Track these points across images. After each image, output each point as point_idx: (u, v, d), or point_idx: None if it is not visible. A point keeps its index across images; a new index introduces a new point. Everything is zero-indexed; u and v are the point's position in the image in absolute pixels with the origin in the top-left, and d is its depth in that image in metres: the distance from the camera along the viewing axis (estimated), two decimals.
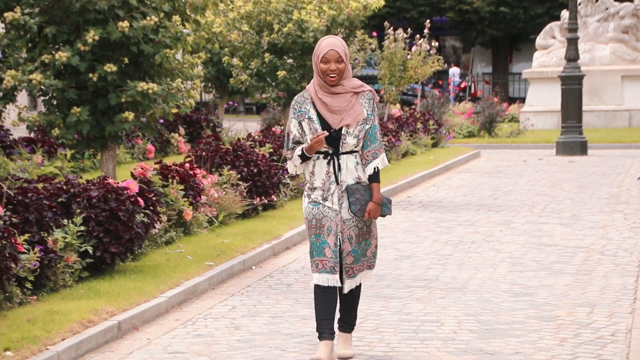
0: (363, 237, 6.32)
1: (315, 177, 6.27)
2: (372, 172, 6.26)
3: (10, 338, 6.50)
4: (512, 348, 6.81)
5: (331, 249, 6.20)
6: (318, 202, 6.23)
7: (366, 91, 6.29)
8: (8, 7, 10.07)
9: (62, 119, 10.32)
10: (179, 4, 10.41)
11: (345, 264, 6.29)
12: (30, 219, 7.93)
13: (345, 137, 6.20)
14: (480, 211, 13.58)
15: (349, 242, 6.27)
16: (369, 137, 6.26)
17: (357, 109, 6.22)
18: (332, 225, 6.21)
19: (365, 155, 6.26)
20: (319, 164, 6.26)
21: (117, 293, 7.89)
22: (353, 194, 6.19)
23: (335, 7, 15.81)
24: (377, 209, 6.25)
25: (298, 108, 6.26)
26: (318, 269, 6.21)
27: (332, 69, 6.16)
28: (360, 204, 6.19)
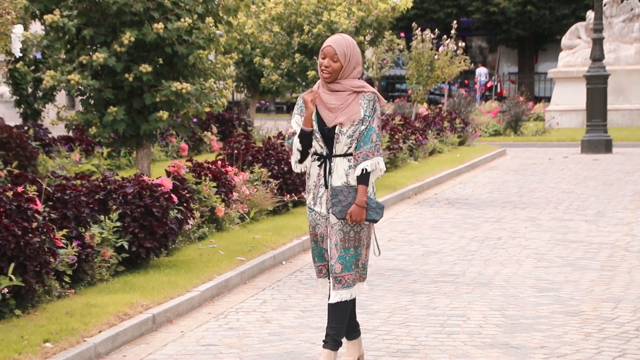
0: (351, 244, 5.90)
1: (309, 180, 6.01)
2: (360, 174, 5.85)
3: (49, 330, 6.56)
4: (537, 342, 6.78)
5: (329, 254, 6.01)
6: (311, 208, 5.99)
7: (367, 92, 5.92)
8: (48, 10, 10.15)
9: (99, 118, 10.38)
10: (212, 6, 10.45)
11: (334, 272, 5.91)
12: (69, 215, 7.99)
13: (339, 136, 5.86)
14: (506, 208, 13.52)
15: (335, 249, 5.90)
16: (363, 139, 5.86)
17: (353, 108, 5.87)
18: (323, 231, 5.97)
19: (356, 156, 5.87)
20: (313, 166, 5.98)
21: (152, 287, 7.93)
22: (336, 195, 5.85)
23: (364, 9, 15.80)
24: (360, 212, 5.83)
25: (301, 103, 5.99)
26: (322, 274, 6.07)
27: (325, 64, 5.85)
28: (342, 205, 5.82)
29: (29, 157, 12.01)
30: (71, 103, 23.74)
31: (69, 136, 14.86)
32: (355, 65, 5.91)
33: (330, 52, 5.85)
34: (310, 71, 15.56)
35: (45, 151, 13.90)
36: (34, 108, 16.97)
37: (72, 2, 10.13)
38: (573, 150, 22.79)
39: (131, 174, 9.52)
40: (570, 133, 26.34)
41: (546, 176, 17.64)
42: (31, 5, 10.19)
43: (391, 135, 17.72)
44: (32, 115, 17.00)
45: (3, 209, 7.06)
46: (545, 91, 40.77)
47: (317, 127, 5.89)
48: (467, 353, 6.53)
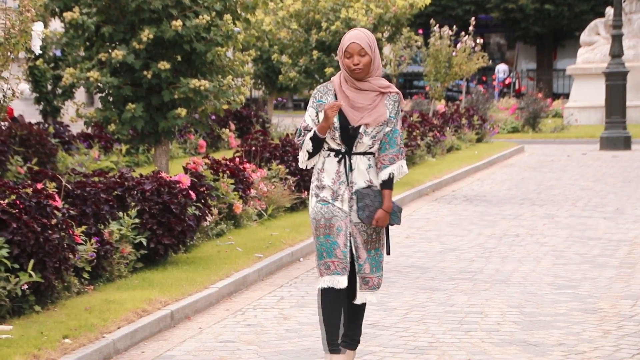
0: (372, 245, 5.77)
1: (324, 175, 5.74)
2: (387, 178, 5.69)
3: (68, 326, 6.58)
4: (555, 339, 6.76)
5: (341, 250, 5.70)
6: (327, 201, 5.70)
7: (393, 93, 5.73)
8: (67, 7, 10.19)
9: (118, 115, 10.41)
10: (230, 3, 10.46)
11: (364, 272, 5.75)
12: (88, 212, 8.01)
13: (362, 136, 5.66)
14: (524, 205, 13.48)
15: (363, 248, 5.75)
16: (388, 141, 5.69)
17: (380, 109, 5.68)
18: (342, 225, 5.69)
19: (382, 159, 5.70)
20: (329, 161, 5.73)
21: (170, 283, 7.95)
22: (362, 199, 5.65)
23: (382, 6, 15.78)
24: (386, 217, 5.68)
25: (319, 97, 5.75)
26: (330, 270, 5.69)
27: (355, 62, 5.62)
28: (369, 211, 5.64)
29: (49, 154, 12.07)
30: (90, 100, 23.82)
31: (88, 133, 14.91)
32: (378, 59, 5.72)
33: (356, 48, 5.63)
34: (328, 68, 15.56)
35: (64, 148, 13.95)
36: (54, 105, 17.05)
37: (91, 0, 10.17)
38: (592, 147, 22.69)
39: (149, 170, 9.54)
40: (588, 130, 26.24)
41: (564, 173, 17.57)
42: (51, 3, 10.23)
43: (409, 132, 17.70)
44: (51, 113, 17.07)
45: (23, 206, 7.09)
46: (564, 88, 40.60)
47: (338, 124, 5.66)
48: (484, 350, 6.52)
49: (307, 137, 5.70)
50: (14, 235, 6.88)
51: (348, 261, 5.69)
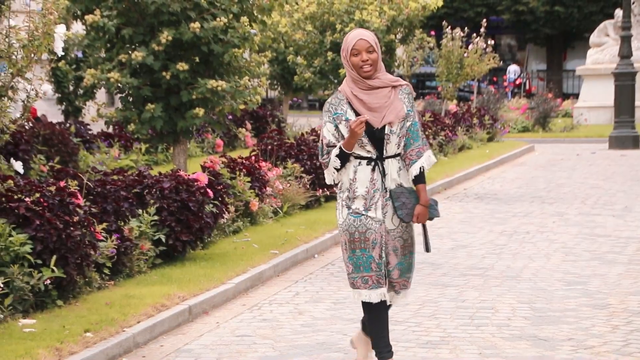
0: (408, 249, 5.59)
1: (357, 185, 5.48)
2: (418, 172, 5.47)
3: (90, 320, 6.60)
4: (565, 334, 6.75)
5: (376, 262, 5.51)
6: (360, 213, 5.46)
7: (404, 85, 5.52)
8: (88, 10, 10.22)
9: (138, 115, 10.43)
10: (246, 6, 10.47)
11: (392, 278, 5.58)
12: (108, 209, 8.04)
13: (390, 136, 5.44)
14: (534, 203, 13.45)
15: (394, 254, 5.54)
16: (412, 135, 5.47)
17: (397, 104, 5.45)
18: (377, 237, 5.47)
19: (409, 155, 5.48)
20: (361, 170, 5.47)
21: (188, 279, 7.97)
22: (398, 198, 5.44)
23: (395, 8, 15.77)
24: (426, 212, 5.50)
25: (334, 110, 5.49)
26: (368, 285, 5.51)
27: (364, 59, 5.40)
28: (407, 208, 5.44)
29: (71, 153, 12.11)
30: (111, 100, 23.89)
31: (109, 132, 14.95)
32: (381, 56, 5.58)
33: (364, 44, 5.42)
34: (342, 69, 15.56)
35: (85, 147, 13.99)
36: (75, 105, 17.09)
37: (112, 3, 10.20)
38: (601, 146, 22.61)
39: (168, 169, 9.56)
40: (598, 129, 26.15)
41: (574, 172, 17.52)
42: (73, 6, 10.27)
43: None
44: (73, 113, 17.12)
45: (46, 203, 7.12)
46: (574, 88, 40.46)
47: (365, 130, 5.40)
48: (495, 345, 6.51)
49: (332, 155, 5.46)
50: (37, 231, 6.92)
51: (383, 274, 5.53)
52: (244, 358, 6.28)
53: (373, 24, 15.18)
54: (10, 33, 6.64)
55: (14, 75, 6.70)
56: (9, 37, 6.63)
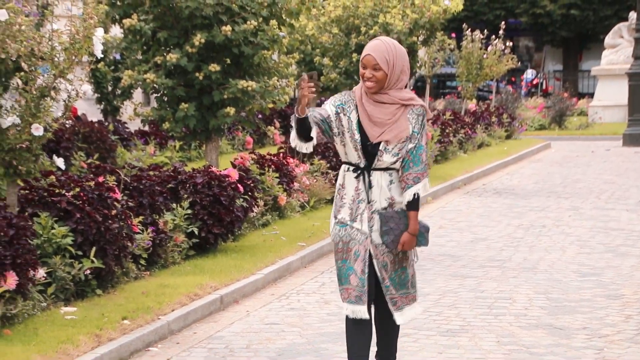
0: (399, 264, 5.00)
1: (345, 192, 4.98)
2: (412, 199, 4.89)
3: (127, 308, 6.64)
4: (580, 324, 6.72)
5: (357, 276, 4.93)
6: (345, 224, 4.96)
7: (416, 106, 4.92)
8: (126, 15, 10.27)
9: (172, 114, 10.47)
10: (275, 10, 10.47)
11: (392, 293, 5.00)
12: (144, 203, 8.07)
13: (382, 153, 4.86)
14: (550, 198, 13.38)
15: (384, 270, 4.96)
16: (412, 158, 4.88)
17: (401, 124, 4.87)
18: (360, 249, 4.92)
19: (406, 179, 4.88)
20: (348, 176, 4.96)
21: (220, 270, 8.00)
22: (387, 222, 4.88)
23: (418, 11, 15.72)
24: (413, 241, 4.92)
25: (341, 102, 4.96)
26: (344, 297, 4.97)
27: (368, 76, 4.86)
28: (394, 234, 4.88)
29: (109, 150, 12.18)
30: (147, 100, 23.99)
31: (145, 130, 15.01)
32: (400, 72, 4.90)
33: (370, 61, 4.86)
34: None
35: (123, 144, 14.06)
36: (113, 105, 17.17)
37: (148, 7, 10.23)
38: (615, 144, 22.45)
39: (201, 165, 9.60)
40: (612, 127, 25.96)
41: (589, 168, 17.41)
42: (112, 11, 10.32)
43: (442, 129, 17.63)
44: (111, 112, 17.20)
45: (86, 197, 7.16)
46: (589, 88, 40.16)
47: (359, 139, 4.88)
48: (513, 333, 6.49)
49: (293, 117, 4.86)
50: (77, 224, 6.96)
51: (366, 290, 4.92)
52: (272, 345, 6.30)
53: (396, 26, 15.14)
54: (53, 36, 6.68)
55: (56, 76, 6.74)
56: (52, 40, 6.67)
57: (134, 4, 10.28)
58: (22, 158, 6.78)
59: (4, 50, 6.41)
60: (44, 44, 6.60)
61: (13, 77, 6.63)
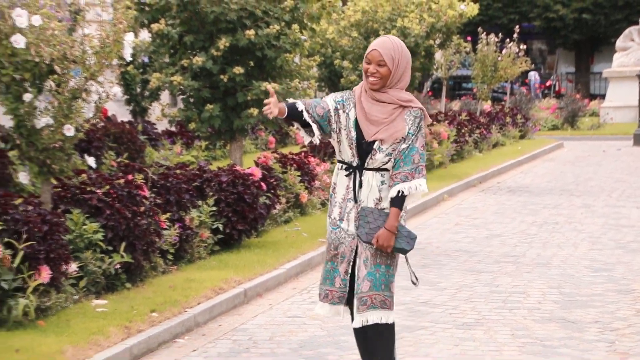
0: (382, 260, 4.73)
1: (337, 189, 4.81)
2: (395, 195, 4.63)
3: (155, 301, 6.66)
4: (592, 317, 6.68)
5: (341, 278, 4.78)
6: (336, 225, 4.76)
7: (415, 108, 4.70)
8: (154, 20, 10.30)
9: (198, 115, 10.49)
10: (297, 14, 10.47)
11: (361, 292, 4.72)
12: (171, 200, 8.09)
13: (375, 152, 4.66)
14: (563, 196, 13.32)
15: (364, 265, 4.73)
16: (403, 158, 4.64)
17: (397, 124, 4.66)
18: (346, 251, 4.75)
19: (394, 176, 4.65)
20: (340, 175, 4.79)
21: (244, 265, 8.01)
22: (365, 217, 4.67)
23: (434, 15, 15.68)
24: (389, 237, 4.64)
25: (342, 98, 4.78)
26: (328, 299, 4.81)
27: (372, 71, 4.66)
28: (369, 228, 4.65)
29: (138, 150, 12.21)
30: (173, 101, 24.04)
31: (172, 131, 15.04)
32: (403, 71, 4.73)
33: (376, 56, 4.67)
34: None
35: (151, 144, 14.09)
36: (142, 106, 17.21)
37: (175, 12, 10.26)
38: (626, 143, 22.30)
39: (225, 164, 9.61)
40: (623, 127, 25.79)
41: (600, 167, 17.31)
42: (140, 16, 10.35)
43: (458, 129, 17.59)
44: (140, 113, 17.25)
45: (115, 195, 7.19)
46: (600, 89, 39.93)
47: (355, 137, 4.70)
48: (526, 326, 6.47)
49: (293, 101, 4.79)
50: (108, 220, 6.99)
51: (347, 290, 4.80)
52: (294, 337, 6.30)
53: (413, 30, 15.11)
54: (84, 41, 6.71)
55: (87, 78, 6.77)
56: (84, 44, 6.70)
57: (161, 10, 10.31)
58: (56, 157, 6.81)
59: (38, 54, 6.44)
60: (76, 47, 6.63)
61: (47, 79, 6.67)
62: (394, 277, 4.78)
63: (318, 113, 4.73)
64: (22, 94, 6.62)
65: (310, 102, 4.76)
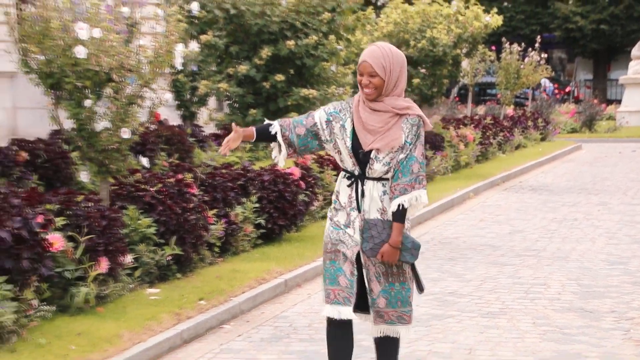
0: (395, 279, 4.30)
1: (340, 197, 4.35)
2: (395, 210, 4.19)
3: (203, 290, 6.70)
4: (608, 307, 6.61)
5: (347, 278, 4.27)
6: (339, 227, 4.31)
7: (412, 115, 4.21)
8: (202, 31, 10.38)
9: (242, 119, 10.55)
10: (334, 26, 10.49)
11: (377, 306, 4.31)
12: (218, 198, 8.12)
13: (373, 162, 4.20)
14: (581, 194, 13.18)
15: (377, 281, 4.29)
16: (401, 169, 4.17)
17: (393, 133, 4.19)
18: (347, 252, 4.27)
19: (392, 189, 4.20)
20: (343, 183, 4.34)
21: (284, 257, 8.02)
22: (369, 230, 4.23)
23: (461, 26, 15.61)
24: (393, 253, 4.20)
25: (335, 110, 4.34)
26: (330, 299, 4.28)
27: (365, 83, 4.22)
28: (374, 243, 4.22)
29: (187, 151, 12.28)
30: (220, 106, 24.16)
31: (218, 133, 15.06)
32: (397, 77, 4.25)
33: (367, 68, 4.21)
34: (414, 79, 15.46)
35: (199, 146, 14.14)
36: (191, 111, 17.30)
37: (222, 25, 10.33)
38: None
39: (267, 164, 9.63)
40: (638, 130, 25.48)
41: (616, 167, 17.10)
42: (190, 28, 10.43)
43: (483, 132, 17.49)
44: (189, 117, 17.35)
45: (167, 192, 7.23)
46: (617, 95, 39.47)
47: (350, 146, 4.25)
48: (547, 315, 6.41)
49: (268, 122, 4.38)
50: (160, 216, 7.03)
51: (354, 291, 4.28)
52: None
53: (442, 40, 15.05)
54: (139, 51, 6.77)
55: (142, 86, 6.83)
56: (139, 54, 6.76)
57: (209, 22, 10.38)
58: (113, 158, 6.87)
59: (98, 64, 6.51)
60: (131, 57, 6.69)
61: (105, 87, 6.73)
62: (411, 290, 4.34)
63: (298, 133, 4.31)
64: (83, 100, 6.69)
65: (288, 123, 4.34)
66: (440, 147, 15.20)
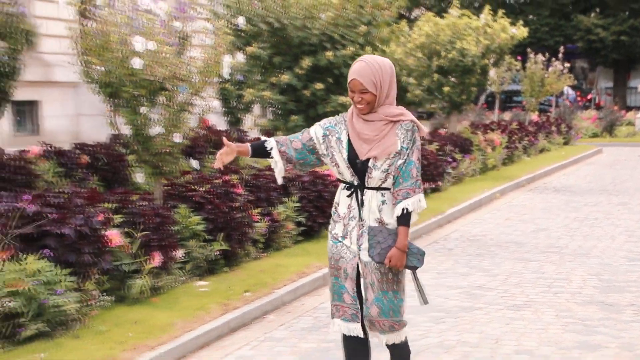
0: (389, 286, 4.07)
1: (339, 208, 4.13)
2: (400, 214, 3.98)
3: (248, 283, 6.73)
4: (627, 301, 6.51)
5: (350, 295, 4.10)
6: (337, 240, 4.10)
7: (405, 121, 4.01)
8: (248, 43, 10.42)
9: (284, 124, 10.57)
10: (370, 38, 10.47)
11: (370, 315, 4.09)
12: (261, 197, 8.15)
13: (372, 170, 3.98)
14: (602, 195, 13.01)
15: (371, 289, 4.07)
16: (402, 174, 3.98)
17: (389, 140, 3.98)
18: (348, 268, 4.08)
19: (396, 194, 3.99)
20: (343, 194, 4.12)
21: (323, 252, 8.02)
22: (374, 236, 4.00)
23: (489, 38, 15.50)
24: (401, 257, 3.98)
25: (330, 124, 4.14)
26: (339, 314, 4.14)
27: (357, 99, 3.98)
28: (381, 248, 3.99)
29: None
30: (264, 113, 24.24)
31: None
32: (388, 87, 4.02)
33: (357, 85, 3.97)
34: (445, 87, 15.39)
35: None
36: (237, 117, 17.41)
37: (265, 37, 10.37)
38: None
39: None
40: None
41: (635, 170, 16.84)
42: (236, 40, 10.48)
43: (509, 137, 17.35)
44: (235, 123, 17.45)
45: (215, 192, 7.28)
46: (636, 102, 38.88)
47: (346, 157, 4.03)
48: (569, 308, 6.34)
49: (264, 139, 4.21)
50: (208, 214, 7.08)
51: (358, 307, 4.12)
52: None
53: (471, 51, 14.95)
54: (190, 62, 6.83)
55: (192, 94, 6.88)
56: (189, 65, 6.82)
57: (254, 35, 10.42)
58: (166, 160, 6.94)
59: (152, 74, 6.58)
60: (183, 68, 6.74)
61: (159, 95, 6.80)
62: (403, 301, 4.14)
63: (295, 147, 4.13)
64: (139, 108, 6.76)
65: (284, 139, 4.17)
66: (469, 151, 15.12)
